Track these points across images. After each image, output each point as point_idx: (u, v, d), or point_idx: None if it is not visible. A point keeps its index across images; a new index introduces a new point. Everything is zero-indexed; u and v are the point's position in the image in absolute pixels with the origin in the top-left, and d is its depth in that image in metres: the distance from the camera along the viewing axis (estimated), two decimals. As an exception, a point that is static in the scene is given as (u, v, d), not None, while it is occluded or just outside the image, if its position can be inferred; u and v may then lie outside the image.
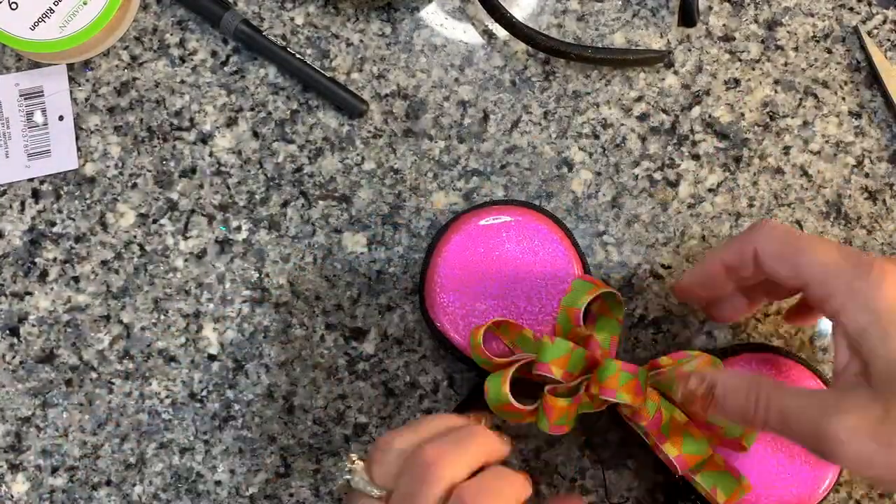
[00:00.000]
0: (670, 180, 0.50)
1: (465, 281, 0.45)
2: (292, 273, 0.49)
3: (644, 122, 0.50)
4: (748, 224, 0.50)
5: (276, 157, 0.50)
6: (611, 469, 0.48)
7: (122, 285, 0.49)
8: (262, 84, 0.50)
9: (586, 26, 0.51)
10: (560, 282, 0.45)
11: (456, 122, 0.50)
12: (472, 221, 0.46)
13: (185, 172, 0.50)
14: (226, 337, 0.49)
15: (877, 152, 0.50)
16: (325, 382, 0.49)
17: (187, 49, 0.50)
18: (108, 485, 0.48)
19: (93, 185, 0.50)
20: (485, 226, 0.46)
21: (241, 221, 0.50)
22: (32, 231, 0.50)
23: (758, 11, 0.51)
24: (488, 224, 0.46)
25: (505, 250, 0.46)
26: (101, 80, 0.50)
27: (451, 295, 0.45)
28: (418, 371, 0.49)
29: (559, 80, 0.50)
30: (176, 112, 0.50)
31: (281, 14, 0.51)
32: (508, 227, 0.46)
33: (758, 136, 0.50)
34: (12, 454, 0.49)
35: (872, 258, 0.34)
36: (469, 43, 0.51)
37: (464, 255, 0.46)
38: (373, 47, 0.50)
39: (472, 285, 0.45)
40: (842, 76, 0.51)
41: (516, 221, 0.46)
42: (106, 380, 0.49)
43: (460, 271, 0.45)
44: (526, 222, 0.46)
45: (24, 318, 0.49)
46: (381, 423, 0.49)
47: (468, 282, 0.45)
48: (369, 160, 0.50)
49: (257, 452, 0.49)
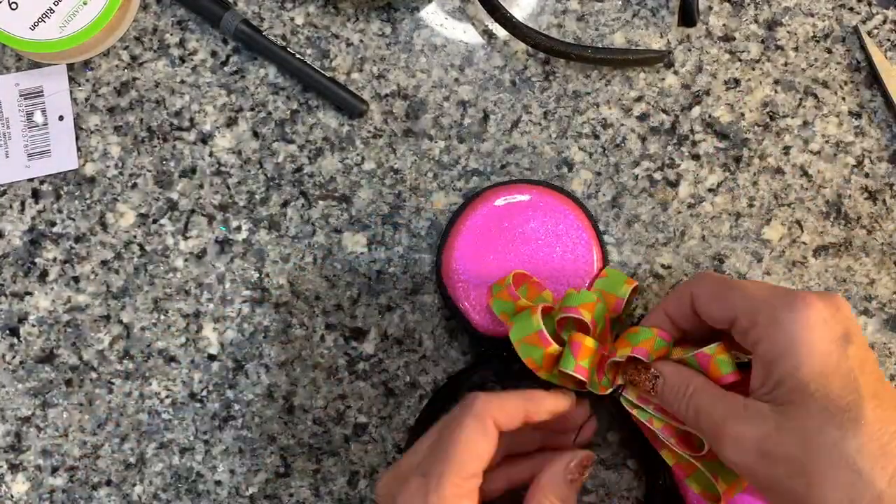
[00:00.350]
0: (670, 180, 0.50)
1: (482, 254, 0.46)
2: (292, 273, 0.49)
3: (644, 122, 0.50)
4: (747, 219, 0.50)
5: (276, 157, 0.50)
6: (611, 469, 0.48)
7: (122, 285, 0.49)
8: (262, 84, 0.50)
9: (586, 26, 0.51)
10: (580, 267, 0.46)
11: (456, 122, 0.50)
12: (494, 198, 0.47)
13: (185, 172, 0.50)
14: (226, 337, 0.49)
15: (877, 152, 0.50)
16: (325, 382, 0.49)
17: (187, 49, 0.50)
18: (108, 485, 0.49)
19: (93, 185, 0.50)
20: (508, 203, 0.46)
21: (241, 221, 0.49)
22: (32, 231, 0.50)
23: (758, 11, 0.51)
24: (512, 202, 0.46)
25: (528, 228, 0.46)
26: (101, 80, 0.50)
27: (468, 264, 0.46)
28: (418, 371, 0.49)
29: (559, 80, 0.50)
30: (176, 112, 0.50)
31: (281, 14, 0.51)
32: (533, 205, 0.46)
33: (758, 136, 0.50)
34: (12, 454, 0.49)
35: (800, 292, 0.37)
36: (469, 43, 0.51)
37: (485, 228, 0.46)
38: (373, 47, 0.50)
39: (490, 259, 0.46)
40: (842, 76, 0.51)
41: (541, 201, 0.46)
42: (106, 380, 0.49)
43: (480, 244, 0.46)
44: (550, 202, 0.47)
45: (24, 318, 0.49)
46: (380, 423, 0.49)
47: (486, 255, 0.46)
48: (369, 160, 0.50)
49: (257, 452, 0.49)
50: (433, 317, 0.49)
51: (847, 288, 0.49)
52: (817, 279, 0.50)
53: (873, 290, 0.49)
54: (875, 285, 0.49)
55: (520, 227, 0.46)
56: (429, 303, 0.49)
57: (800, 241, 0.50)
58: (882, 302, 0.49)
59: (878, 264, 0.50)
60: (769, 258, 0.50)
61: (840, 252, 0.50)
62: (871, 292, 0.49)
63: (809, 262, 0.50)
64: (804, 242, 0.50)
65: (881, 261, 0.50)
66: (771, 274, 0.49)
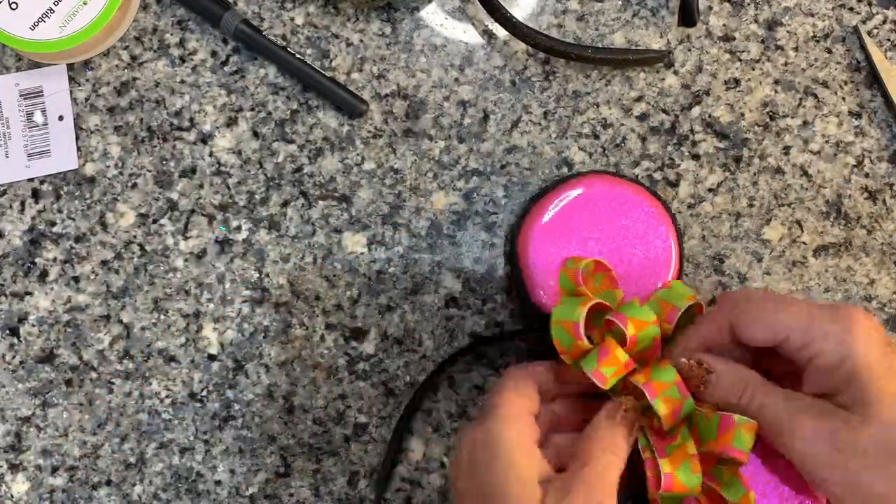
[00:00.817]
0: (670, 180, 0.50)
1: (562, 236, 0.46)
2: (292, 273, 0.49)
3: (644, 122, 0.50)
4: (747, 219, 0.50)
5: (276, 157, 0.50)
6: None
7: (122, 285, 0.49)
8: (262, 84, 0.50)
9: (586, 26, 0.51)
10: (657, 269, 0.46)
11: (456, 122, 0.50)
12: (597, 184, 0.46)
13: (185, 172, 0.50)
14: (226, 337, 0.49)
15: (877, 152, 0.50)
16: (325, 382, 0.49)
17: (187, 49, 0.50)
18: (108, 485, 0.49)
19: (93, 185, 0.50)
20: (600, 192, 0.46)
21: (241, 221, 0.50)
22: (32, 231, 0.50)
23: (758, 11, 0.51)
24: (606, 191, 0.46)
25: (615, 222, 0.46)
26: (101, 80, 0.50)
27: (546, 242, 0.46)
28: (418, 371, 0.49)
29: (559, 80, 0.50)
30: (176, 112, 0.50)
31: (281, 14, 0.51)
32: (627, 199, 0.46)
33: (758, 136, 0.50)
34: (12, 454, 0.49)
35: (836, 304, 0.39)
36: (469, 43, 0.51)
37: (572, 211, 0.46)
38: (373, 47, 0.50)
39: (570, 240, 0.46)
40: (842, 76, 0.51)
41: (635, 199, 0.46)
42: (106, 380, 0.49)
43: (562, 224, 0.46)
44: (644, 203, 0.46)
45: (24, 318, 0.49)
46: (380, 423, 0.49)
47: (565, 237, 0.46)
48: (369, 160, 0.50)
49: (257, 452, 0.49)
50: (433, 317, 0.49)
51: (847, 288, 0.49)
52: (817, 279, 0.50)
53: (873, 290, 0.49)
54: (875, 285, 0.49)
55: (611, 220, 0.46)
56: (429, 303, 0.49)
57: (800, 241, 0.50)
58: (882, 302, 0.49)
59: (878, 264, 0.50)
60: (769, 258, 0.50)
61: (840, 252, 0.50)
62: (871, 292, 0.49)
63: (809, 262, 0.50)
64: (804, 242, 0.50)
65: (881, 261, 0.50)
66: (771, 274, 0.49)
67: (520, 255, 0.46)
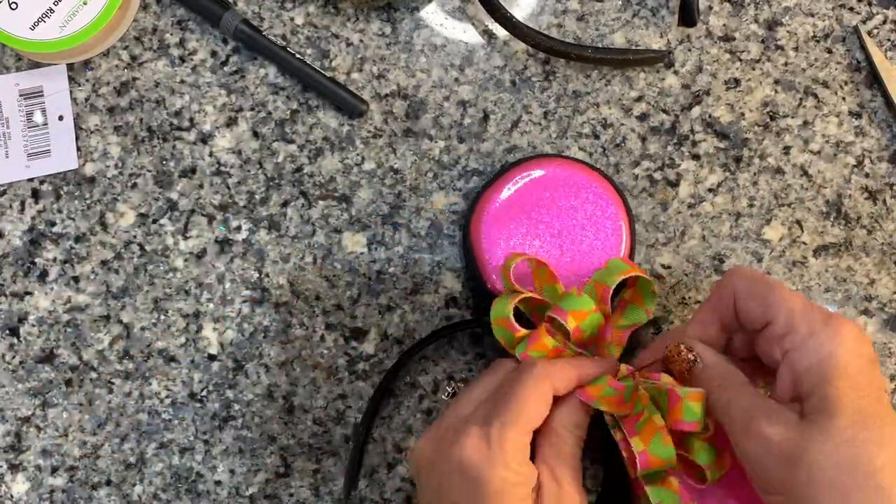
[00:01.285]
0: (670, 180, 0.50)
1: (511, 220, 0.46)
2: (292, 273, 0.49)
3: (644, 122, 0.50)
4: (747, 219, 0.50)
5: (276, 157, 0.50)
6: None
7: (122, 285, 0.49)
8: (262, 84, 0.50)
9: (586, 26, 0.51)
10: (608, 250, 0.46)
11: (456, 122, 0.50)
12: (547, 166, 0.47)
13: (185, 172, 0.50)
14: (226, 337, 0.49)
15: (877, 152, 0.50)
16: (325, 382, 0.49)
17: (187, 49, 0.50)
18: (108, 485, 0.49)
19: (93, 185, 0.50)
20: (552, 174, 0.46)
21: (241, 221, 0.50)
22: (32, 231, 0.50)
23: (758, 11, 0.51)
24: (557, 173, 0.47)
25: (564, 204, 0.46)
26: (101, 80, 0.50)
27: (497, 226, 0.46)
28: (418, 371, 0.49)
29: (559, 80, 0.50)
30: (176, 112, 0.50)
31: (281, 14, 0.51)
32: (577, 181, 0.46)
33: (758, 136, 0.50)
34: (12, 454, 0.49)
35: (831, 312, 0.38)
36: (469, 43, 0.51)
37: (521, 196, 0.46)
38: (373, 47, 0.50)
39: (519, 225, 0.46)
40: (842, 76, 0.51)
41: (585, 180, 0.47)
42: (106, 380, 0.49)
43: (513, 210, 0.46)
44: (593, 184, 0.47)
45: (24, 318, 0.49)
46: (380, 423, 0.49)
47: (515, 221, 0.46)
48: (369, 160, 0.50)
49: (257, 452, 0.49)
50: (433, 317, 0.49)
51: (847, 288, 0.49)
52: (817, 279, 0.50)
53: (873, 290, 0.49)
54: (875, 285, 0.49)
55: (557, 201, 0.46)
56: (429, 303, 0.49)
57: (800, 241, 0.50)
58: (882, 302, 0.49)
59: (878, 264, 0.50)
60: (769, 258, 0.50)
61: (840, 252, 0.50)
62: (871, 292, 0.49)
63: (809, 262, 0.50)
64: (804, 242, 0.50)
65: (881, 261, 0.50)
66: (771, 274, 0.49)
67: (473, 244, 0.47)
